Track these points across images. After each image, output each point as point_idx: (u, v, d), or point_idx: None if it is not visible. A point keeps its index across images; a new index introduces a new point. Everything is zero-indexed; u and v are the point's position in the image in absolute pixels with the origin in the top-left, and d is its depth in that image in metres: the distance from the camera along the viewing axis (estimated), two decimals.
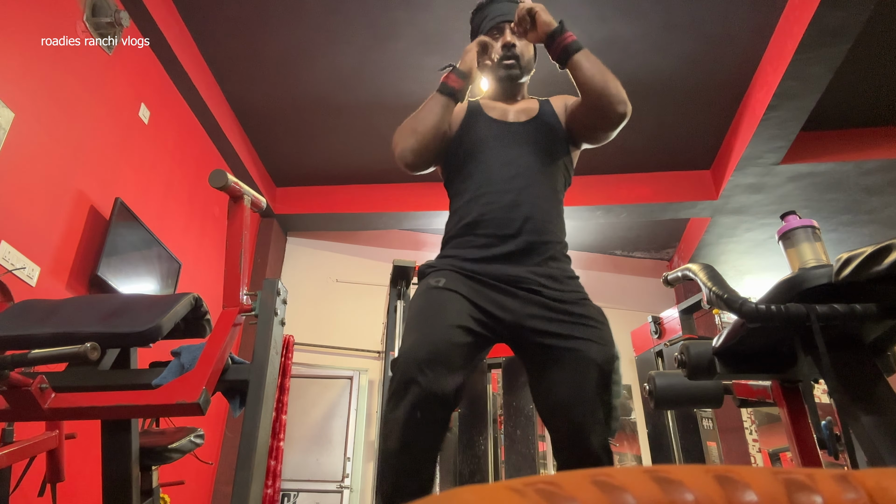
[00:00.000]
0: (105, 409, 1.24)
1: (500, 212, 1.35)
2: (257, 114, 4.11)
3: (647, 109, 3.95)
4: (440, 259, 1.39)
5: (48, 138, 2.50)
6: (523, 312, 1.26)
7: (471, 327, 1.21)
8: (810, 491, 0.29)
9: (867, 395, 1.00)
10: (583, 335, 1.25)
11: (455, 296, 1.25)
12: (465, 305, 1.23)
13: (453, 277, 1.29)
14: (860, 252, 0.93)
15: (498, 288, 1.28)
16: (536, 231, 1.35)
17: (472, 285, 1.28)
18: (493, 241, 1.34)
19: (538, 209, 1.37)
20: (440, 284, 1.27)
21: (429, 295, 1.27)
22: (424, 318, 1.22)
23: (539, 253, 1.34)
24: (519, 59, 1.52)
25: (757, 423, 5.09)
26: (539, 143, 1.46)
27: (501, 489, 0.28)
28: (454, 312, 1.21)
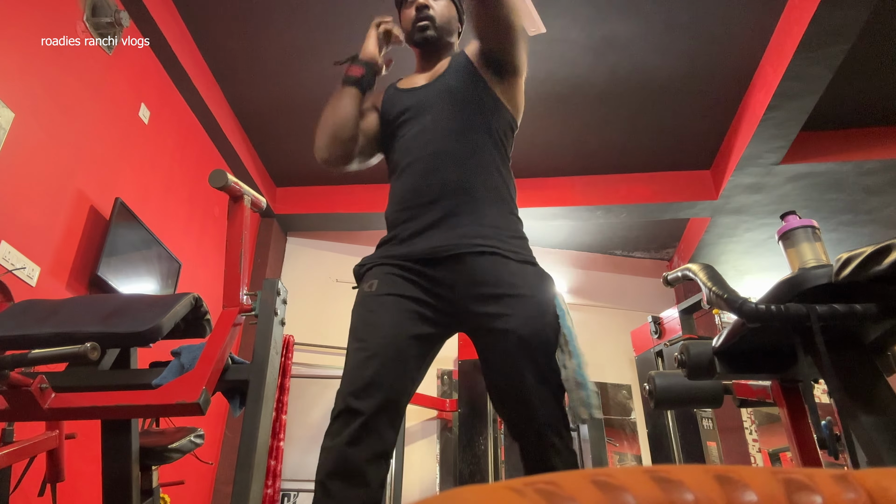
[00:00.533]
0: (105, 409, 1.24)
1: (417, 183, 1.29)
2: (257, 114, 4.10)
3: (647, 109, 3.95)
4: (376, 250, 1.34)
5: (48, 138, 2.50)
6: (462, 294, 1.20)
7: (417, 332, 1.17)
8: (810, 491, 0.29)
9: (867, 395, 1.00)
10: (515, 310, 1.16)
11: (392, 299, 1.19)
12: (403, 306, 1.18)
13: (384, 275, 1.23)
14: (860, 252, 0.93)
15: (426, 274, 1.21)
16: (458, 191, 1.26)
17: (404, 276, 1.22)
18: (413, 213, 1.28)
19: (458, 169, 1.28)
20: (373, 290, 1.22)
21: (363, 306, 1.21)
22: (365, 334, 1.17)
23: (467, 213, 1.25)
24: (433, 21, 1.44)
25: (757, 423, 5.09)
26: (451, 99, 1.35)
27: (501, 489, 0.28)
28: (396, 318, 1.17)
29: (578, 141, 4.24)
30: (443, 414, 4.52)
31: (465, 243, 1.22)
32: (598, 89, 3.77)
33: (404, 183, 1.33)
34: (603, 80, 3.68)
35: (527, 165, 4.47)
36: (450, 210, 1.25)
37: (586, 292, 5.64)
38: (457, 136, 1.33)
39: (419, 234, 1.26)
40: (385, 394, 1.10)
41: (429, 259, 1.23)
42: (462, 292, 1.20)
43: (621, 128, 4.14)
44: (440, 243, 1.23)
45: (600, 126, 4.11)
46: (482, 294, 1.19)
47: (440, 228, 1.25)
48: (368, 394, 1.09)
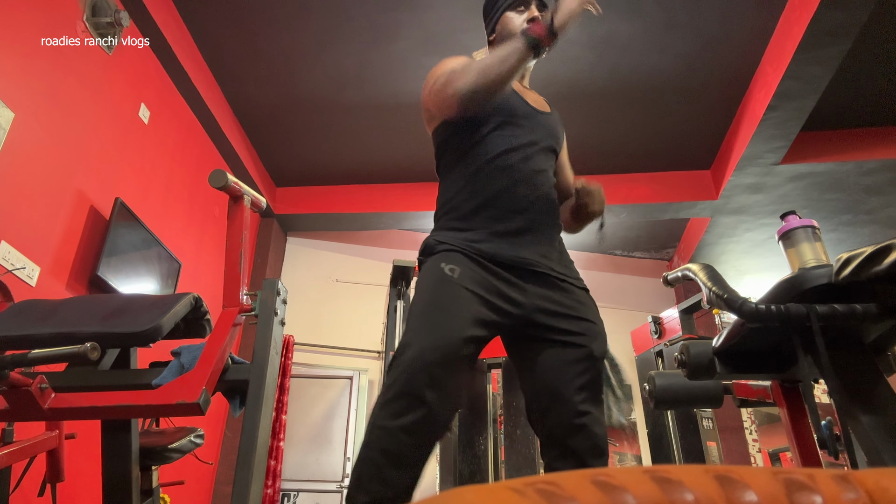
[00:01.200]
0: (105, 409, 1.24)
1: (515, 189, 1.32)
2: (257, 114, 4.11)
3: (646, 109, 3.95)
4: (448, 233, 1.32)
5: (48, 138, 2.50)
6: (532, 306, 1.25)
7: (476, 335, 1.18)
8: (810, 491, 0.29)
9: (867, 395, 1.00)
10: (587, 331, 1.27)
11: (467, 294, 1.19)
12: (476, 307, 1.19)
13: (465, 265, 1.23)
14: (860, 252, 0.93)
15: (507, 279, 1.24)
16: (546, 211, 1.35)
17: (483, 276, 1.23)
18: (503, 215, 1.30)
19: (549, 191, 1.38)
20: (454, 276, 1.21)
21: (442, 288, 1.21)
22: (437, 319, 1.17)
23: (548, 232, 1.35)
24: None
25: (757, 423, 5.09)
26: (551, 138, 1.47)
27: (501, 489, 0.28)
28: (467, 318, 1.17)
29: (578, 141, 4.23)
30: None
31: (545, 263, 1.30)
32: (598, 89, 3.77)
33: (492, 181, 1.34)
34: (603, 79, 3.68)
35: None
36: (536, 224, 1.33)
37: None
38: (549, 172, 1.44)
39: (503, 238, 1.29)
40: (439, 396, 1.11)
41: (512, 266, 1.27)
42: (534, 301, 1.25)
43: (621, 128, 4.14)
44: (525, 256, 1.28)
45: (600, 126, 4.11)
46: (555, 311, 1.26)
47: (523, 237, 1.30)
48: (435, 386, 1.10)
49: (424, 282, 1.26)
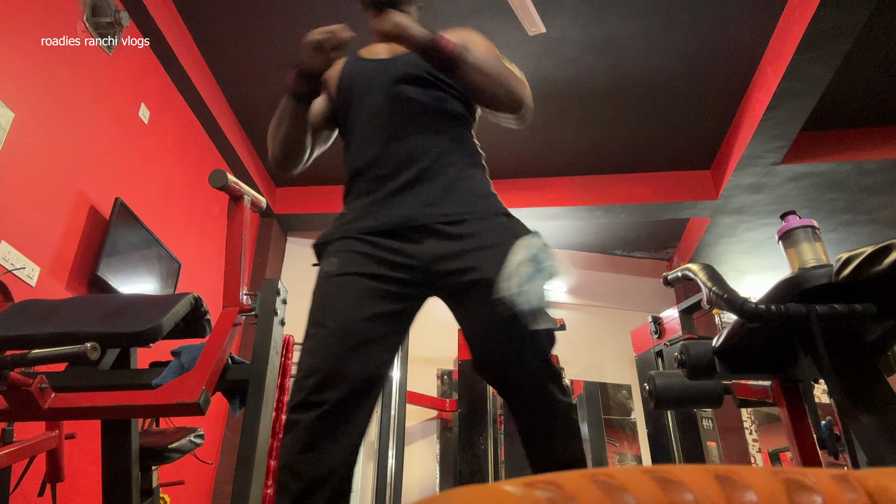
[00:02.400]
0: (105, 409, 1.24)
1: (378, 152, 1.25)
2: (257, 114, 4.10)
3: (646, 109, 3.95)
4: (332, 224, 1.28)
5: (48, 138, 2.50)
6: (427, 260, 1.15)
7: (379, 311, 1.11)
8: (810, 491, 0.29)
9: (867, 395, 1.00)
10: (483, 260, 1.12)
11: (352, 279, 1.13)
12: (364, 286, 1.13)
13: (345, 251, 1.18)
14: (860, 252, 0.93)
15: (390, 246, 1.16)
16: (427, 157, 1.23)
17: (367, 251, 1.16)
18: (376, 183, 1.23)
19: (425, 140, 1.26)
20: (334, 269, 1.16)
21: (324, 288, 1.16)
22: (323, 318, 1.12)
23: (434, 179, 1.22)
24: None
25: (757, 423, 5.09)
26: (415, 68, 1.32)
27: (501, 489, 0.28)
28: (355, 301, 1.11)
29: (578, 141, 4.24)
30: (443, 414, 4.52)
31: (430, 213, 1.18)
32: (598, 89, 3.77)
33: (365, 152, 1.28)
34: (603, 79, 3.68)
35: (527, 165, 4.47)
36: (414, 178, 1.21)
37: (586, 292, 5.64)
38: (426, 112, 1.30)
39: (381, 203, 1.21)
40: (350, 384, 1.05)
41: (392, 231, 1.18)
42: (426, 256, 1.16)
43: (621, 128, 4.14)
44: (406, 213, 1.18)
45: (600, 126, 4.11)
46: (447, 253, 1.15)
47: (403, 196, 1.20)
48: (332, 385, 1.04)
49: (313, 290, 1.20)
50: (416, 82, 1.31)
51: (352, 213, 1.25)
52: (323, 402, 1.03)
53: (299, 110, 1.33)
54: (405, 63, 1.34)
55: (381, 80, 1.33)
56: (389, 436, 3.69)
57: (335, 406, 1.04)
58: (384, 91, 1.31)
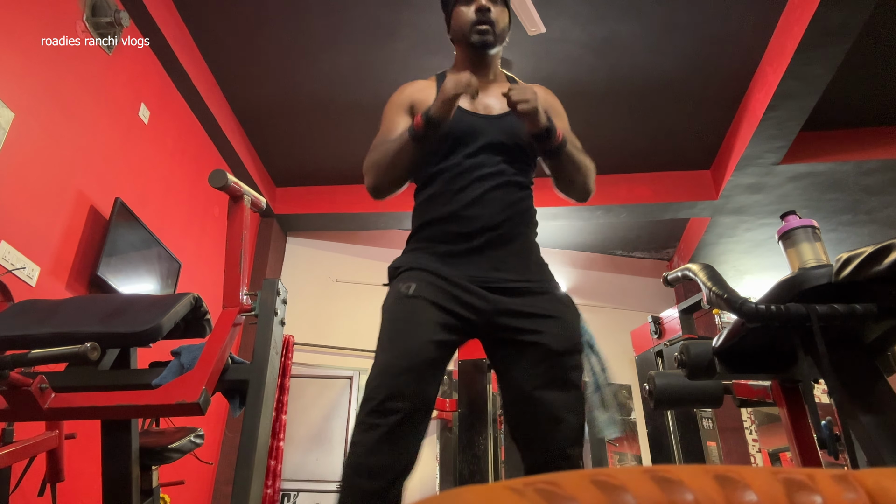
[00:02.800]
0: (105, 409, 1.24)
1: (465, 211, 1.31)
2: (257, 114, 4.10)
3: (647, 109, 3.95)
4: (407, 256, 1.36)
5: (48, 138, 2.50)
6: (492, 310, 1.24)
7: (442, 339, 1.20)
8: (810, 491, 0.29)
9: (867, 395, 1.00)
10: (547, 328, 1.23)
11: (425, 304, 1.22)
12: (434, 313, 1.21)
13: (422, 280, 1.26)
14: (860, 252, 0.93)
15: (466, 288, 1.25)
16: (501, 227, 1.31)
17: (442, 286, 1.25)
18: (458, 237, 1.30)
19: (503, 207, 1.32)
20: (410, 292, 1.24)
21: (401, 305, 1.24)
22: (397, 335, 1.21)
23: (504, 247, 1.30)
24: (494, 26, 1.41)
25: (757, 423, 5.09)
26: (510, 137, 1.38)
27: (501, 489, 0.28)
28: (428, 324, 1.20)
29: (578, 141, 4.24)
30: (443, 414, 4.52)
31: (500, 277, 1.27)
32: (598, 89, 3.77)
33: (451, 205, 1.33)
34: (603, 80, 3.68)
35: None
36: (490, 242, 1.30)
37: (586, 292, 5.64)
38: (509, 177, 1.37)
39: (460, 257, 1.29)
40: (412, 401, 1.12)
41: (466, 281, 1.27)
42: (493, 305, 1.25)
43: (621, 128, 4.14)
44: (480, 274, 1.27)
45: (600, 126, 4.11)
46: (512, 311, 1.24)
47: (479, 255, 1.29)
48: (400, 393, 1.12)
49: (386, 304, 1.29)
50: (510, 148, 1.38)
51: (425, 251, 1.33)
52: (397, 410, 1.11)
53: (417, 151, 1.34)
54: (510, 126, 1.39)
55: (485, 137, 1.37)
56: None
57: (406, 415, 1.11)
58: (484, 147, 1.37)
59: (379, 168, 1.39)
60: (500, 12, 1.44)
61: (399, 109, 1.46)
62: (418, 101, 1.44)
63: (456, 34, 1.48)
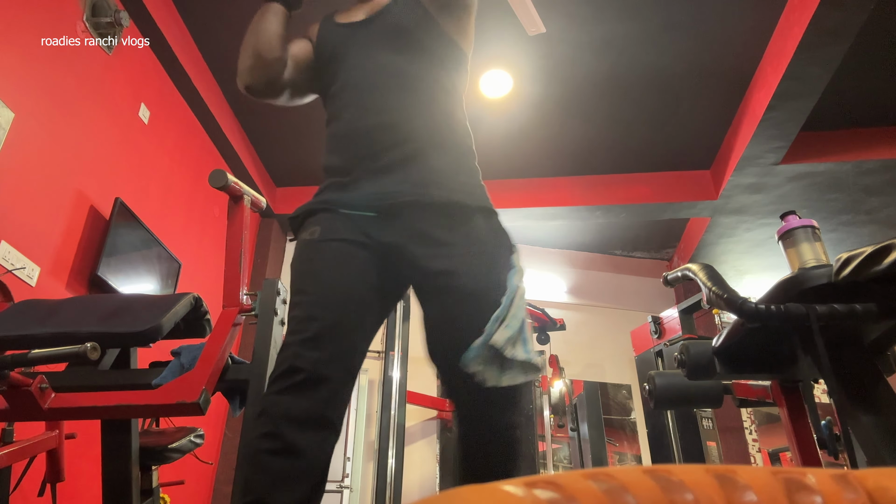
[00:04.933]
0: (105, 409, 1.24)
1: (359, 130, 1.19)
2: (257, 114, 4.10)
3: (646, 109, 3.95)
4: (310, 201, 1.22)
5: (48, 138, 2.50)
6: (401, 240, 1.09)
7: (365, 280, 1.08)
8: (810, 491, 0.29)
9: (867, 395, 1.00)
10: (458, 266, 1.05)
11: (335, 245, 1.09)
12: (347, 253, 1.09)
13: (327, 220, 1.13)
14: (860, 252, 0.93)
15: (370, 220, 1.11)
16: (407, 141, 1.15)
17: (347, 223, 1.12)
18: (356, 161, 1.17)
19: (405, 118, 1.18)
20: (315, 237, 1.11)
21: (305, 254, 1.12)
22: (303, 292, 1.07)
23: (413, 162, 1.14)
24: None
25: (757, 423, 5.09)
26: (397, 39, 1.24)
27: (501, 489, 0.28)
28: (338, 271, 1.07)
29: (578, 141, 4.24)
30: (443, 414, 4.52)
31: (412, 191, 1.11)
32: (598, 89, 3.77)
33: (345, 129, 1.21)
34: (602, 79, 3.68)
35: (527, 165, 4.47)
36: (396, 158, 1.14)
37: (586, 292, 5.64)
38: (403, 81, 1.21)
39: (363, 181, 1.15)
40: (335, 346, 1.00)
41: (374, 206, 1.12)
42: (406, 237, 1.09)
43: (621, 128, 4.14)
44: (387, 190, 1.11)
45: (600, 126, 4.11)
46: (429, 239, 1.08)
47: (386, 175, 1.14)
48: (316, 347, 0.99)
49: (292, 262, 1.15)
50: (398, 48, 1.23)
51: (330, 190, 1.20)
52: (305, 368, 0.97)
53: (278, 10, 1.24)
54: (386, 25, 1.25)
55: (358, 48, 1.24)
56: (389, 436, 3.69)
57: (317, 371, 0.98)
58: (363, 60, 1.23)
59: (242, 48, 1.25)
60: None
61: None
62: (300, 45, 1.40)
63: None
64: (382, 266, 1.12)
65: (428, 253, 1.07)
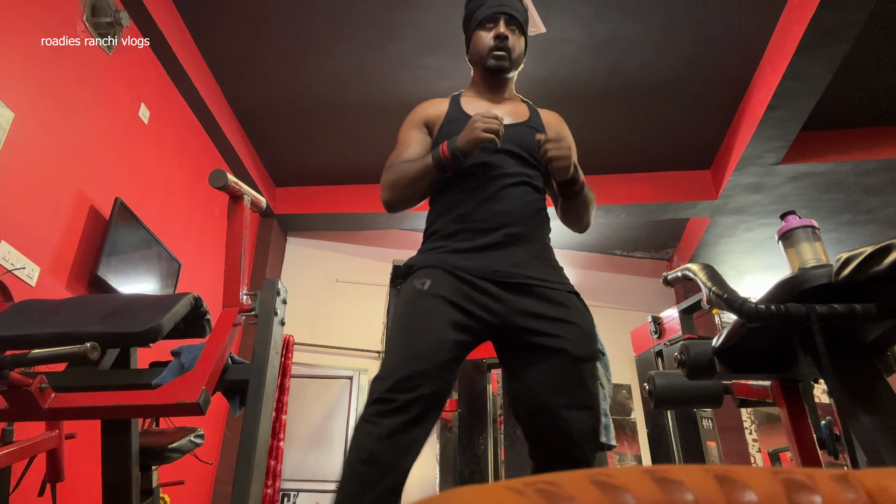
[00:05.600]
0: (105, 409, 1.24)
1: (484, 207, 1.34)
2: (257, 114, 4.11)
3: (647, 109, 3.95)
4: (423, 254, 1.36)
5: (48, 138, 2.50)
6: (511, 310, 1.25)
7: (458, 339, 1.21)
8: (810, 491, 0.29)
9: (867, 395, 1.00)
10: (569, 334, 1.24)
11: (440, 302, 1.23)
12: (450, 312, 1.23)
13: (438, 276, 1.27)
14: (860, 252, 0.93)
15: (482, 288, 1.26)
16: (520, 224, 1.35)
17: (456, 284, 1.26)
18: (476, 234, 1.32)
19: (521, 202, 1.37)
20: (425, 288, 1.26)
21: (416, 302, 1.26)
22: (410, 332, 1.22)
23: (523, 243, 1.34)
24: (510, 53, 1.49)
25: (757, 423, 5.09)
26: (521, 146, 1.44)
27: (501, 489, 0.28)
28: (442, 323, 1.21)
29: (578, 141, 4.22)
30: (443, 414, 4.52)
31: (520, 273, 1.29)
32: (598, 89, 3.77)
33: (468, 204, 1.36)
34: (603, 80, 3.68)
35: None
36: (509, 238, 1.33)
37: (586, 292, 5.60)
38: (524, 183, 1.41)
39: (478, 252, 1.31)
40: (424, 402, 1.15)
41: (485, 277, 1.28)
42: (511, 308, 1.26)
43: (621, 128, 4.14)
44: (501, 268, 1.29)
45: (600, 126, 4.11)
46: (533, 312, 1.25)
47: (498, 250, 1.31)
48: (411, 388, 1.13)
49: (399, 300, 1.31)
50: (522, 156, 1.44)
51: (441, 250, 1.34)
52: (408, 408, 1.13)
53: (438, 177, 1.40)
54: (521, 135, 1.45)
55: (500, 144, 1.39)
56: None
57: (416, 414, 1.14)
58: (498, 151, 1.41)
59: (397, 187, 1.42)
60: (517, 39, 1.52)
61: (413, 127, 1.51)
62: (432, 117, 1.51)
63: (474, 57, 1.54)
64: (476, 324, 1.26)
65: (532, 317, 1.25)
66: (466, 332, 1.23)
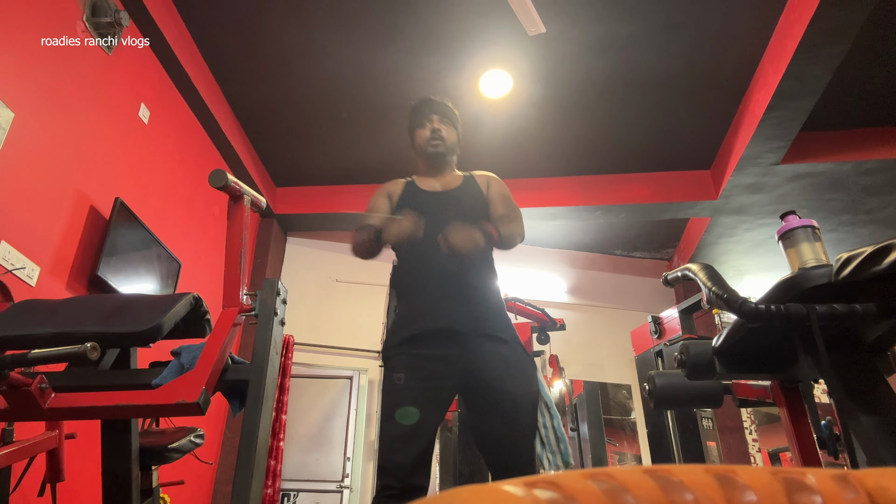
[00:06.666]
0: (105, 409, 1.24)
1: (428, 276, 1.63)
2: (257, 114, 4.10)
3: (646, 109, 3.95)
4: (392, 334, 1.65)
5: (48, 138, 2.50)
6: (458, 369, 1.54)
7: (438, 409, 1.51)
8: (810, 491, 0.29)
9: (867, 395, 1.00)
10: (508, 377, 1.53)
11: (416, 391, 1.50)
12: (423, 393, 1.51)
13: (405, 367, 1.54)
14: (860, 252, 0.93)
15: (435, 356, 1.54)
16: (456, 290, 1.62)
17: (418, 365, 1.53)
18: (423, 306, 1.61)
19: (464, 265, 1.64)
20: (401, 383, 1.52)
21: (395, 396, 1.52)
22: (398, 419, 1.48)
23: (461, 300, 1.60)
24: (444, 141, 1.87)
25: (757, 423, 5.09)
26: (462, 204, 1.78)
27: (501, 489, 0.28)
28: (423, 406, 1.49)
29: (578, 141, 4.24)
30: None
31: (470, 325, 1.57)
32: (598, 89, 3.77)
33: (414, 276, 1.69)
34: (602, 79, 3.68)
35: (527, 165, 4.47)
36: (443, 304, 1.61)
37: (586, 292, 5.64)
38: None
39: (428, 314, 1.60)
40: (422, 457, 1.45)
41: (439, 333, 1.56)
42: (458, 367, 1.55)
43: (621, 128, 4.14)
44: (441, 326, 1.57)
45: (600, 126, 4.11)
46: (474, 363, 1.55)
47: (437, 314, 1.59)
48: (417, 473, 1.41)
49: (384, 390, 1.58)
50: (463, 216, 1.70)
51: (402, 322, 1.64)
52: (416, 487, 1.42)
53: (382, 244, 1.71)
54: (457, 200, 1.80)
55: (437, 212, 1.71)
56: None
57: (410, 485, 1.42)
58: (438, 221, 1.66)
59: (358, 249, 1.76)
60: (449, 131, 1.90)
61: (380, 196, 1.89)
62: (392, 192, 1.89)
63: (417, 148, 1.92)
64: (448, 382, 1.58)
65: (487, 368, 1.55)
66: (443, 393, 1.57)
